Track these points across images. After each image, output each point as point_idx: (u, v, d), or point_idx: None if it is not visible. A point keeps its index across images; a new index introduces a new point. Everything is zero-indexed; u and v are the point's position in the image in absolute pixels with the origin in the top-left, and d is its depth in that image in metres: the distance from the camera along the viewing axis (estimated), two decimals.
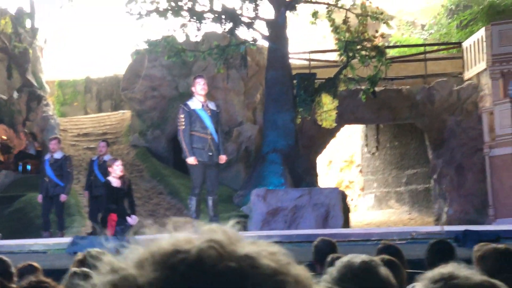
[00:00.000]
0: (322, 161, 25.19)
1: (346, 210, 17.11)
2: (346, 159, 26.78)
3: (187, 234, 0.80)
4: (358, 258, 2.61)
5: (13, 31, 21.32)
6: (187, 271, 0.75)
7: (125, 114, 22.35)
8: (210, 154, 11.48)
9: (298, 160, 17.66)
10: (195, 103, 11.62)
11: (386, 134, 24.47)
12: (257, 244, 0.83)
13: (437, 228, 11.96)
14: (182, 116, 11.49)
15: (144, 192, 17.73)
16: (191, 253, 0.77)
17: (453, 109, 20.06)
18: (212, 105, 11.83)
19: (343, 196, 17.13)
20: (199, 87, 11.56)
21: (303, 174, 17.80)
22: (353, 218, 21.95)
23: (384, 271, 2.57)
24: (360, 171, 26.04)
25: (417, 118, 20.66)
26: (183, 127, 11.44)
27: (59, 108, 24.79)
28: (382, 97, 19.67)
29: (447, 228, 11.27)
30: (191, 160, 11.38)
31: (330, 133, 20.52)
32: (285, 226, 15.23)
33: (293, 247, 8.94)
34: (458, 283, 1.58)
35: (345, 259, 2.60)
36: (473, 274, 1.63)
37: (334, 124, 18.20)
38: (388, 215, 23.23)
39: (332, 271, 2.55)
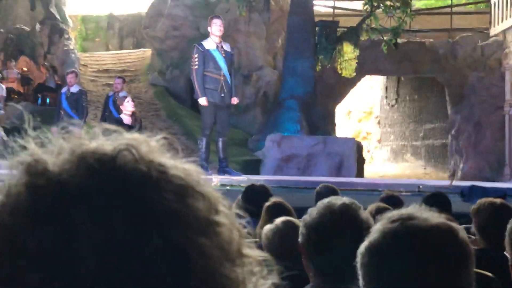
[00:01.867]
0: (341, 111, 25.10)
1: (360, 161, 17.08)
2: (365, 110, 26.67)
3: (113, 139, 0.80)
4: (339, 200, 2.59)
5: None
6: (98, 167, 0.76)
7: (146, 52, 22.30)
8: (222, 95, 11.43)
9: (315, 108, 17.60)
10: (210, 43, 11.53)
11: (406, 87, 24.28)
12: (178, 161, 0.82)
13: (444, 182, 11.92)
14: (196, 56, 11.42)
15: (158, 131, 17.13)
16: (107, 153, 0.77)
17: (476, 65, 19.81)
18: (226, 46, 11.74)
19: (359, 147, 17.09)
20: (215, 28, 11.46)
21: (319, 122, 17.76)
22: (368, 169, 21.93)
23: (364, 214, 2.56)
24: (378, 122, 25.94)
25: (439, 73, 20.44)
26: (196, 67, 11.38)
27: (81, 43, 24.78)
28: (404, 49, 19.46)
29: (455, 183, 11.23)
30: (202, 101, 11.34)
31: (350, 83, 20.39)
32: (298, 173, 15.27)
33: (301, 193, 8.97)
34: (414, 224, 1.57)
35: (325, 200, 2.59)
36: (433, 216, 1.61)
37: (354, 74, 18.10)
38: (403, 169, 23.18)
39: (312, 211, 2.55)
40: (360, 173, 16.53)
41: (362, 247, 1.63)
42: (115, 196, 0.75)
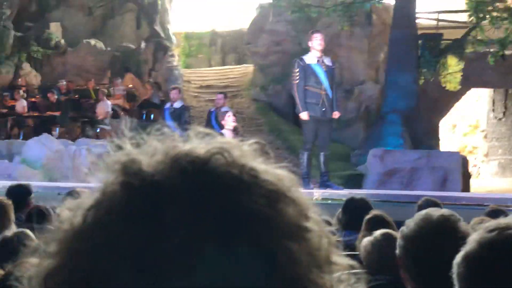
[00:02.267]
0: (446, 125, 24.62)
1: (466, 175, 16.68)
2: (471, 124, 26.07)
3: (206, 143, 0.81)
4: (437, 211, 2.54)
5: None
6: (191, 169, 0.77)
7: (248, 68, 22.52)
8: (324, 109, 11.41)
9: (418, 122, 17.34)
10: (311, 58, 11.56)
11: None
12: (270, 166, 0.82)
13: None
14: (297, 70, 11.47)
15: None
16: (200, 156, 0.79)
17: None
18: (327, 61, 11.73)
19: (464, 161, 16.70)
20: (316, 42, 11.48)
21: (423, 137, 17.48)
22: (475, 184, 21.39)
23: (463, 226, 2.49)
24: (485, 136, 25.29)
25: None
26: (297, 81, 11.42)
27: (184, 60, 25.25)
28: None
29: None
30: (304, 115, 11.37)
31: (455, 96, 19.98)
32: (401, 187, 15.03)
33: (403, 208, 8.83)
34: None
35: (423, 211, 2.54)
36: None
37: (459, 87, 17.74)
38: (511, 184, 22.49)
39: (410, 222, 2.50)
40: (466, 188, 16.12)
41: (459, 257, 1.59)
42: (207, 198, 0.76)
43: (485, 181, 23.53)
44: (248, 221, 0.75)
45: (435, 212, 2.53)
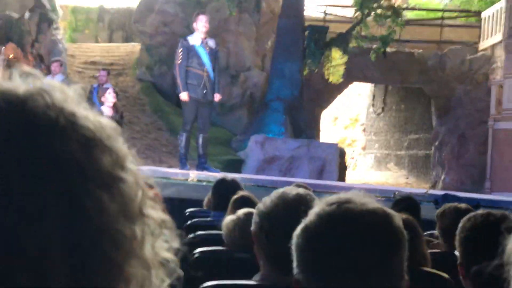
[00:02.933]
0: (328, 117, 25.12)
1: (342, 167, 17.10)
2: (351, 117, 26.71)
3: (28, 82, 0.79)
4: (294, 190, 2.57)
5: None
6: (6, 107, 0.75)
7: (135, 47, 22.22)
8: (205, 91, 11.40)
9: (301, 112, 17.59)
10: (195, 39, 11.52)
11: (393, 96, 24.33)
12: (94, 113, 0.81)
13: (420, 190, 11.92)
14: (180, 50, 11.42)
15: (143, 126, 17.73)
16: (19, 95, 0.76)
17: (463, 78, 19.87)
18: (211, 43, 11.72)
19: (341, 153, 17.11)
20: (201, 24, 11.45)
21: (304, 126, 17.75)
22: (352, 176, 21.96)
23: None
24: (364, 130, 25.98)
25: (426, 84, 20.49)
26: (180, 61, 11.37)
27: (70, 34, 24.65)
28: (393, 58, 19.51)
29: (431, 191, 11.23)
30: (183, 95, 11.32)
31: (337, 89, 20.41)
32: (280, 175, 15.23)
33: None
34: (350, 207, 1.56)
35: (280, 190, 2.57)
36: (371, 202, 1.60)
37: (341, 80, 18.10)
38: (386, 177, 23.23)
39: (266, 199, 2.53)
40: (341, 178, 16.54)
41: (298, 229, 1.62)
42: (18, 137, 0.74)
43: (362, 174, 24.20)
44: (58, 165, 0.74)
45: (292, 190, 2.56)
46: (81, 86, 0.88)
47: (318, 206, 1.61)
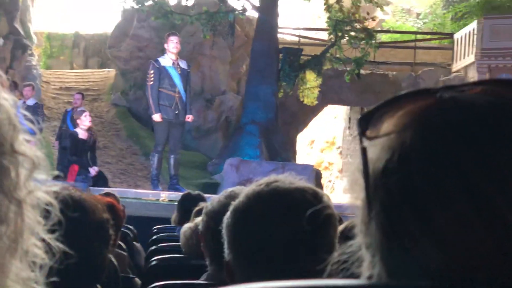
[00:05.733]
0: (304, 140, 25.15)
1: (319, 188, 17.10)
2: (328, 140, 26.75)
3: None
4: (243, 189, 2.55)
5: None
6: None
7: (110, 72, 22.21)
8: (176, 112, 11.43)
9: (276, 135, 17.60)
10: (166, 60, 11.56)
11: None
12: None
13: None
14: (151, 72, 11.46)
15: (118, 151, 17.67)
16: None
17: None
18: (183, 64, 11.76)
19: (317, 175, 17.07)
20: (172, 45, 11.49)
21: (280, 149, 17.74)
22: None
23: None
24: (340, 153, 26.02)
25: None
26: (152, 82, 11.41)
27: (45, 61, 24.61)
28: (368, 80, 19.62)
29: None
30: (156, 117, 11.34)
31: (312, 111, 20.46)
32: None
33: None
34: (278, 185, 1.55)
35: (229, 189, 2.56)
36: (300, 182, 1.59)
37: (316, 102, 18.15)
38: None
39: (214, 199, 2.51)
40: None
41: (228, 211, 1.61)
42: None
43: (338, 196, 24.17)
44: None
45: (241, 190, 2.54)
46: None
47: (248, 189, 1.60)
